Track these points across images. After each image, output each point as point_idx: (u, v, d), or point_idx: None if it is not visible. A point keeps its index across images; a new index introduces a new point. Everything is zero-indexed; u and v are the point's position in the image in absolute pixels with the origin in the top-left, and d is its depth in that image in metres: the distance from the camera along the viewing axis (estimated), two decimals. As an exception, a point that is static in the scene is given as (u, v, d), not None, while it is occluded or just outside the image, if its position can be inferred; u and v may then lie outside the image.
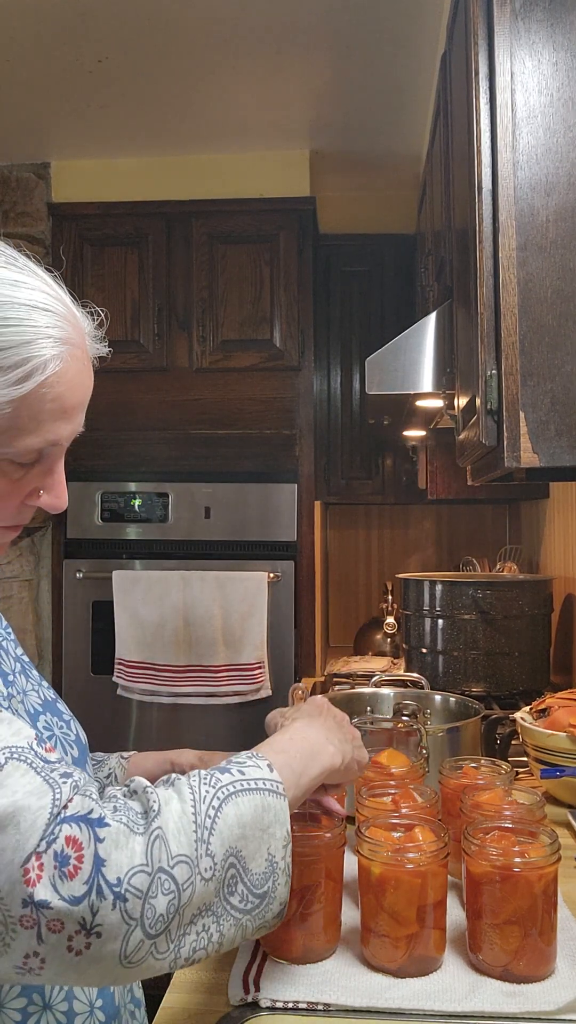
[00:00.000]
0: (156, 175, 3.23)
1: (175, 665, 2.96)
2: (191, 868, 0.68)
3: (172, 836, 0.68)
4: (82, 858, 0.64)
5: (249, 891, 0.72)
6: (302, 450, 3.14)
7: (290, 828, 0.76)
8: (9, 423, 0.75)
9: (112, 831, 0.66)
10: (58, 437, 0.79)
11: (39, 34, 2.45)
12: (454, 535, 3.82)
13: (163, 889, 0.66)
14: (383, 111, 2.90)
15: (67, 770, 0.71)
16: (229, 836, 0.71)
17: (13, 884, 0.63)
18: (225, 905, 0.71)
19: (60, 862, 0.64)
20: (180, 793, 0.71)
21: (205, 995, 0.94)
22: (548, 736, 1.50)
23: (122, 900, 0.64)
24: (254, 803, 0.73)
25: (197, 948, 0.70)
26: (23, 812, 0.65)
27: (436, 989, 0.92)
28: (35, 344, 0.75)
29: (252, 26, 2.41)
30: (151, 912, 0.65)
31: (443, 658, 2.29)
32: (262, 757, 0.79)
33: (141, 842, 0.66)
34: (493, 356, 1.30)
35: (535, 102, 1.29)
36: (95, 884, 0.64)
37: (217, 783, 0.73)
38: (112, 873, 0.64)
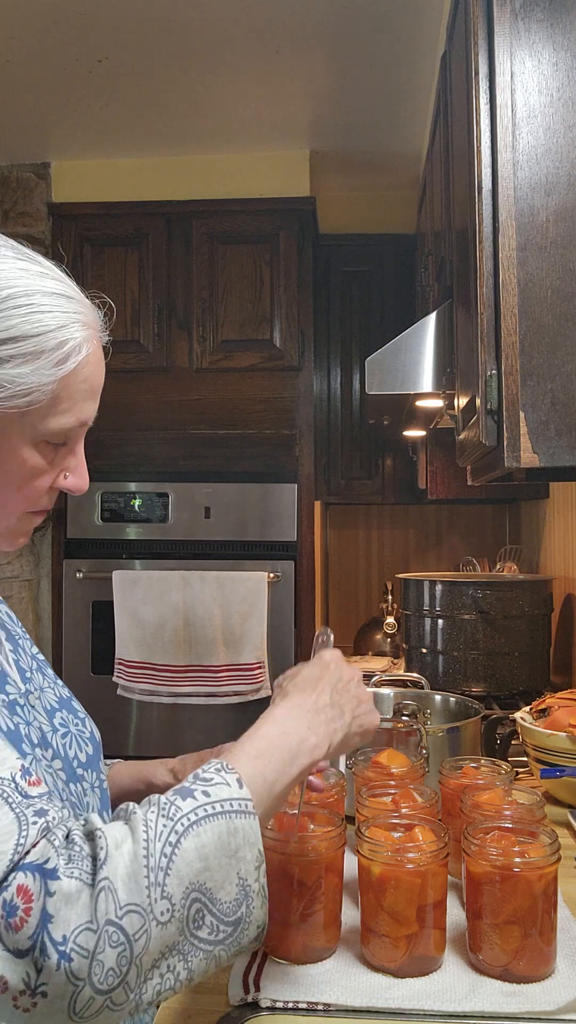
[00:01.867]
0: (156, 175, 3.23)
1: (175, 665, 2.97)
2: (143, 916, 0.65)
3: (121, 884, 0.65)
4: (30, 911, 0.63)
5: (219, 921, 0.70)
6: (302, 450, 3.14)
7: (262, 847, 0.73)
8: (50, 402, 0.80)
9: (63, 885, 0.64)
10: (88, 417, 0.85)
11: (39, 34, 2.45)
12: (454, 535, 3.82)
13: (111, 942, 0.63)
14: (383, 111, 2.90)
15: (44, 807, 0.69)
16: (188, 872, 0.68)
17: None
18: (192, 941, 0.68)
19: (8, 912, 0.62)
20: (134, 832, 0.68)
21: (205, 995, 0.93)
22: (548, 736, 1.50)
23: (67, 960, 0.62)
24: (218, 830, 0.70)
25: (162, 990, 0.67)
26: None
27: (436, 989, 0.92)
28: (68, 328, 0.80)
29: (252, 26, 2.41)
30: (99, 968, 0.63)
31: (443, 658, 2.29)
32: (231, 770, 0.75)
33: (87, 896, 0.64)
34: (493, 356, 1.30)
35: (535, 102, 1.29)
36: (39, 940, 0.62)
37: (176, 814, 0.69)
38: (58, 931, 0.62)
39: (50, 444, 0.83)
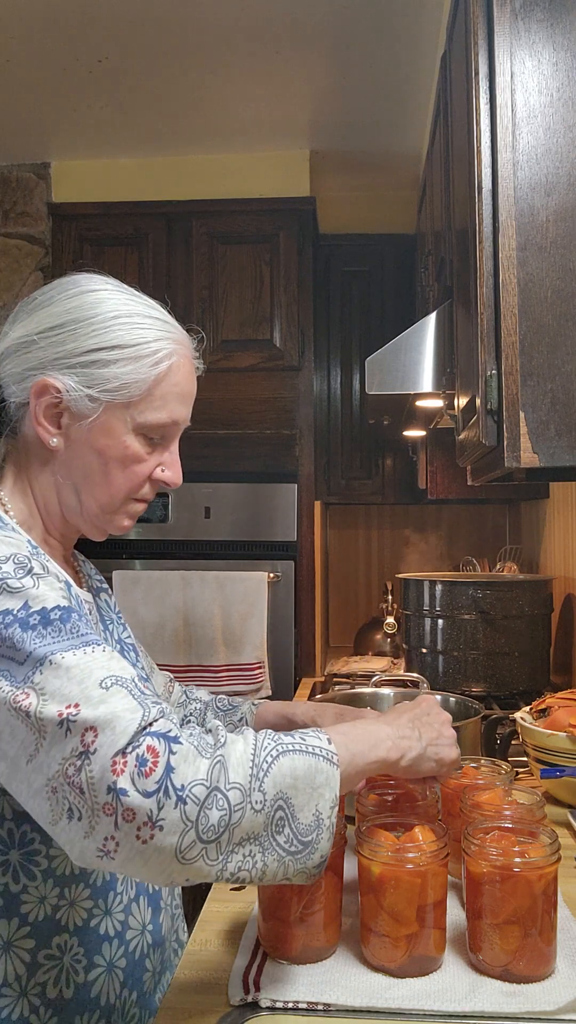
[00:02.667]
0: (156, 175, 3.23)
1: (175, 665, 2.96)
2: (243, 795, 0.81)
3: (232, 766, 0.82)
4: (157, 763, 0.79)
5: (295, 835, 0.84)
6: (302, 450, 3.14)
7: (338, 795, 0.87)
8: (146, 397, 1.01)
9: (184, 749, 0.81)
10: (179, 417, 1.05)
11: (39, 34, 2.45)
12: (454, 535, 3.82)
13: (217, 805, 0.80)
14: (383, 111, 2.90)
15: (157, 700, 0.85)
16: (281, 782, 0.84)
17: (104, 772, 0.78)
18: (271, 841, 0.83)
19: (140, 763, 0.78)
20: (246, 739, 0.86)
21: (205, 995, 0.94)
22: (548, 736, 1.50)
23: (183, 803, 0.78)
24: (308, 763, 0.86)
25: (242, 868, 0.82)
26: (119, 719, 0.80)
27: (436, 989, 0.92)
28: (161, 341, 1.02)
29: (252, 26, 2.41)
30: (205, 820, 0.79)
31: (443, 658, 2.29)
32: (324, 733, 0.91)
33: (206, 763, 0.81)
34: (493, 356, 1.30)
35: (535, 102, 1.29)
36: (164, 785, 0.78)
37: (279, 740, 0.87)
38: (178, 780, 0.79)
39: (148, 438, 1.03)
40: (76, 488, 1.03)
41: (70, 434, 1.01)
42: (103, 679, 0.83)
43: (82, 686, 0.82)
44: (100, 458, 1.02)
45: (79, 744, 0.79)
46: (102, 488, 1.03)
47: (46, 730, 0.80)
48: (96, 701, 0.81)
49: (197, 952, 1.03)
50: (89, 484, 1.03)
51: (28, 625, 0.85)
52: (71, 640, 0.86)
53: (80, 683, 0.82)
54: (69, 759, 0.79)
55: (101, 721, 0.80)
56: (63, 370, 0.99)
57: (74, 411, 1.00)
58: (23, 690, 0.82)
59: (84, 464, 1.02)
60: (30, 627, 0.85)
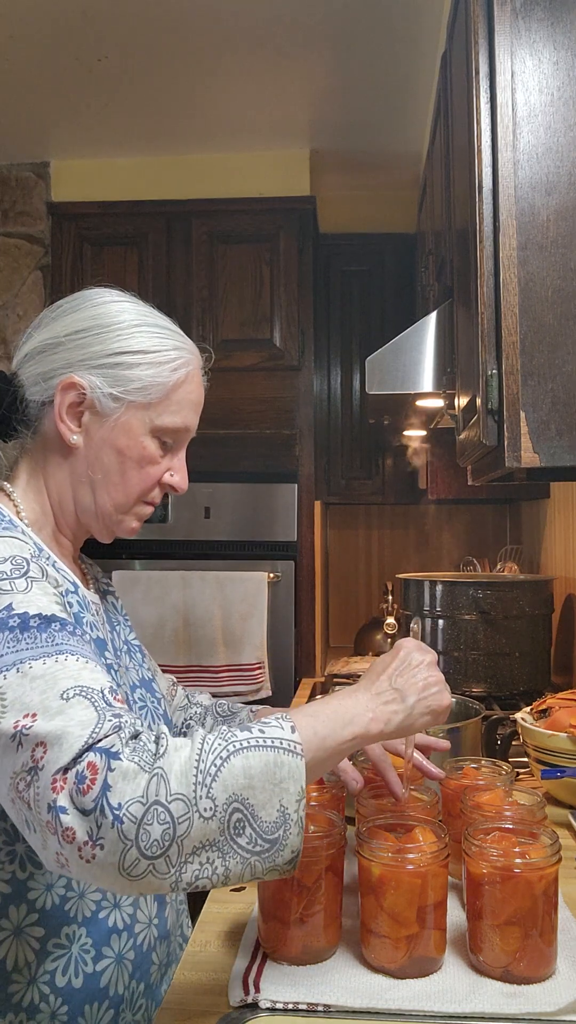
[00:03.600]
0: (156, 175, 3.23)
1: (175, 665, 2.96)
2: (188, 806, 0.79)
3: (174, 777, 0.79)
4: (95, 780, 0.78)
5: (258, 835, 0.82)
6: (302, 450, 3.14)
7: (305, 785, 0.84)
8: (164, 400, 1.06)
9: (122, 766, 0.79)
10: (190, 423, 1.10)
11: (39, 34, 2.45)
12: (454, 535, 3.82)
13: (159, 819, 0.78)
14: (383, 110, 2.90)
15: (120, 712, 0.84)
16: (232, 784, 0.81)
17: (46, 789, 0.78)
18: (231, 844, 0.81)
19: (78, 780, 0.78)
20: (193, 743, 0.83)
21: (205, 996, 0.93)
22: (549, 737, 1.50)
23: (119, 822, 0.77)
24: (265, 759, 0.83)
25: (200, 876, 0.80)
26: (67, 736, 0.80)
27: (436, 990, 0.92)
28: (179, 349, 1.08)
29: (252, 25, 2.41)
30: (146, 837, 0.77)
31: (443, 658, 2.29)
32: (287, 720, 0.88)
33: (144, 779, 0.79)
34: (494, 356, 1.30)
35: (536, 101, 1.29)
36: (100, 804, 0.77)
37: (232, 739, 0.84)
38: (115, 798, 0.77)
39: (162, 442, 1.08)
40: (93, 486, 1.06)
41: (90, 432, 1.05)
42: (66, 689, 0.83)
43: (43, 696, 0.82)
44: (119, 457, 1.06)
45: (29, 759, 0.80)
46: (118, 487, 1.07)
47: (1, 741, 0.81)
48: (53, 712, 0.81)
49: (197, 953, 1.03)
50: (106, 482, 1.06)
51: (6, 627, 0.87)
52: (44, 648, 0.86)
53: (42, 692, 0.82)
54: (20, 774, 0.80)
55: (51, 737, 0.80)
56: (89, 370, 1.04)
57: (96, 409, 1.04)
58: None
59: (102, 462, 1.06)
60: (8, 629, 0.86)
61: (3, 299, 3.25)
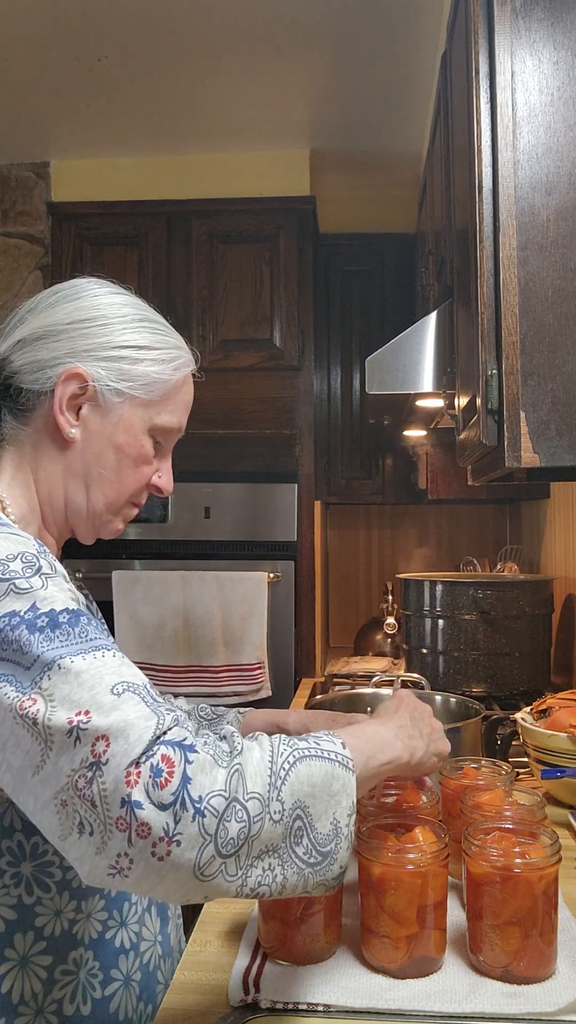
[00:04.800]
0: (156, 175, 3.23)
1: (175, 665, 2.96)
2: (262, 806, 0.77)
3: (250, 775, 0.78)
4: (173, 773, 0.74)
5: (314, 846, 0.81)
6: (302, 450, 3.14)
7: (355, 801, 0.84)
8: (164, 399, 1.05)
9: (200, 758, 0.76)
10: (182, 424, 1.09)
11: (39, 34, 2.45)
12: (454, 535, 3.82)
13: (236, 816, 0.76)
14: (383, 110, 2.90)
15: (170, 707, 0.82)
16: (299, 790, 0.80)
17: (117, 783, 0.74)
18: (291, 853, 0.80)
19: (155, 773, 0.74)
20: (262, 745, 0.82)
21: (205, 996, 0.93)
22: (549, 737, 1.50)
23: (200, 815, 0.74)
24: (324, 769, 0.83)
25: (262, 883, 0.78)
26: (132, 728, 0.76)
27: (436, 990, 0.92)
28: (179, 349, 1.07)
29: (252, 25, 2.41)
30: (224, 833, 0.75)
31: (443, 658, 2.29)
32: (337, 736, 0.88)
33: (223, 773, 0.77)
34: (494, 356, 1.30)
35: (536, 101, 1.29)
36: (180, 797, 0.74)
37: (295, 745, 0.84)
38: (195, 791, 0.74)
39: (156, 441, 1.06)
40: (87, 482, 1.03)
41: (89, 426, 1.02)
42: (115, 685, 0.79)
43: (92, 692, 0.78)
44: (117, 454, 1.03)
45: (89, 754, 0.75)
46: (113, 485, 1.04)
47: (53, 739, 0.76)
48: (108, 708, 0.77)
49: (197, 953, 1.03)
50: (101, 479, 1.03)
51: (36, 627, 0.82)
52: (80, 644, 0.82)
53: (91, 689, 0.78)
54: (79, 770, 0.75)
55: (113, 729, 0.76)
56: (94, 361, 1.00)
57: (98, 402, 1.01)
58: (29, 696, 0.78)
59: (99, 458, 1.03)
60: (38, 629, 0.82)
61: (3, 299, 3.25)
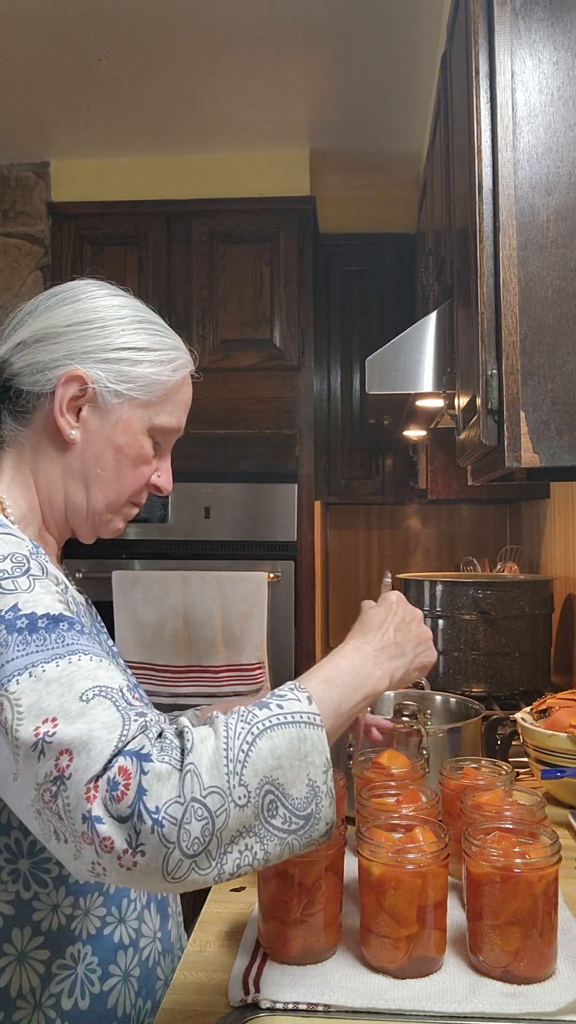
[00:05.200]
0: (156, 175, 3.23)
1: (175, 665, 2.96)
2: (223, 797, 0.77)
3: (205, 770, 0.77)
4: (128, 786, 0.75)
5: (292, 813, 0.81)
6: (302, 450, 3.14)
7: (328, 755, 0.84)
8: (163, 400, 1.06)
9: (156, 767, 0.76)
10: (181, 424, 1.10)
11: (39, 34, 2.45)
12: (454, 535, 3.82)
13: (196, 816, 0.76)
14: (383, 110, 2.90)
15: (142, 711, 0.82)
16: (263, 767, 0.80)
17: (78, 799, 0.75)
18: (267, 827, 0.80)
19: (111, 787, 0.75)
20: (216, 732, 0.80)
21: (205, 996, 0.93)
22: (549, 737, 1.50)
23: (159, 826, 0.74)
24: (289, 735, 0.82)
25: (241, 864, 0.79)
26: (95, 741, 0.77)
27: (436, 990, 0.92)
28: (178, 349, 1.08)
29: (252, 25, 2.41)
30: (186, 836, 0.75)
31: (443, 658, 2.29)
32: (303, 690, 0.87)
33: (177, 777, 0.77)
34: (494, 356, 1.30)
35: (536, 101, 1.29)
36: (136, 809, 0.75)
37: (253, 719, 0.82)
38: (151, 802, 0.75)
39: (155, 442, 1.07)
40: (87, 483, 1.04)
41: (89, 427, 1.03)
42: (85, 691, 0.80)
43: (61, 700, 0.79)
44: (116, 454, 1.04)
45: (53, 768, 0.76)
46: (112, 485, 1.05)
47: (19, 752, 0.78)
48: (75, 715, 0.78)
49: (197, 953, 1.03)
50: (100, 480, 1.04)
51: (14, 628, 0.83)
52: (55, 649, 0.83)
53: (60, 696, 0.79)
54: (44, 784, 0.77)
55: (77, 743, 0.77)
56: (94, 363, 1.01)
57: (97, 404, 1.02)
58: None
59: (99, 459, 1.03)
60: (16, 631, 0.83)
61: (3, 299, 3.25)
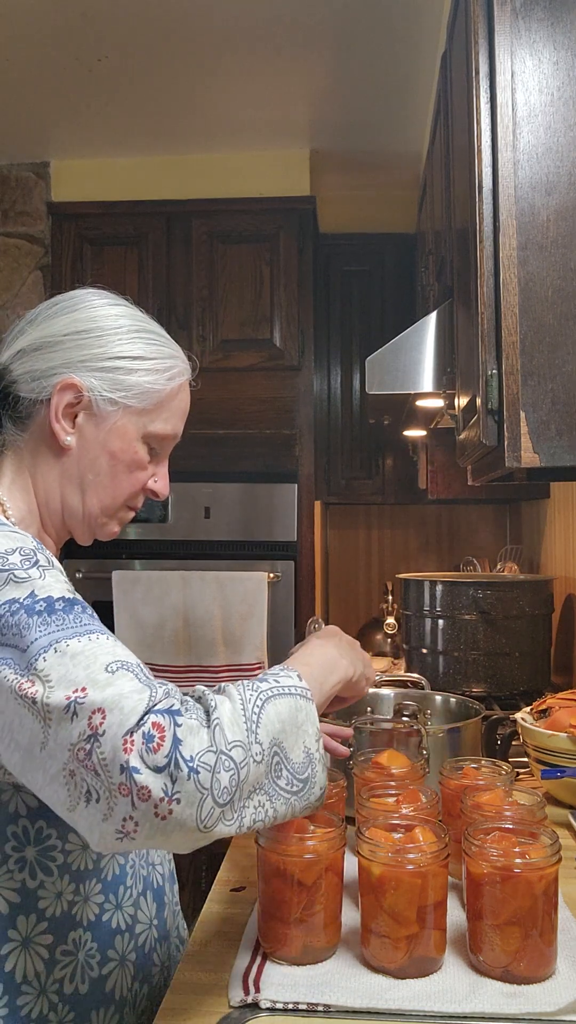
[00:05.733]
0: (156, 174, 3.23)
1: (175, 665, 2.96)
2: (245, 751, 0.84)
3: (227, 725, 0.84)
4: (164, 738, 0.80)
5: (293, 776, 0.89)
6: (302, 450, 3.14)
7: (319, 726, 0.92)
8: (157, 407, 1.08)
9: (187, 721, 0.82)
10: (177, 432, 1.13)
11: (39, 34, 2.45)
12: (454, 535, 3.82)
13: (225, 766, 0.82)
14: (383, 110, 2.90)
15: (163, 682, 0.88)
16: (272, 728, 0.87)
17: (115, 751, 0.80)
18: (275, 786, 0.87)
19: (147, 739, 0.80)
20: (231, 697, 0.88)
21: (205, 996, 0.93)
22: (549, 737, 1.50)
23: (195, 773, 0.80)
24: (289, 704, 0.90)
25: (256, 819, 0.86)
26: (126, 700, 0.82)
27: (436, 990, 0.92)
28: (175, 358, 1.11)
29: (252, 25, 2.41)
30: (218, 785, 0.81)
31: (443, 658, 2.29)
32: (292, 669, 0.95)
33: (207, 732, 0.83)
34: (494, 356, 1.30)
35: (535, 101, 1.29)
36: (173, 758, 0.80)
37: (258, 689, 0.90)
38: (187, 751, 0.80)
39: (150, 448, 1.10)
40: (83, 487, 1.08)
41: (84, 434, 1.06)
42: (109, 663, 0.85)
43: (88, 671, 0.84)
44: (111, 460, 1.07)
45: (87, 727, 0.81)
46: (107, 490, 1.09)
47: (51, 716, 0.82)
48: (103, 684, 0.83)
49: (197, 953, 1.03)
50: (96, 484, 1.08)
51: (34, 611, 0.88)
52: (75, 628, 0.88)
53: (86, 668, 0.84)
54: (78, 743, 0.81)
55: (108, 703, 0.81)
56: (89, 371, 1.05)
57: (93, 411, 1.06)
58: (28, 678, 0.84)
59: (94, 464, 1.07)
60: (36, 613, 0.88)
61: (3, 299, 3.25)
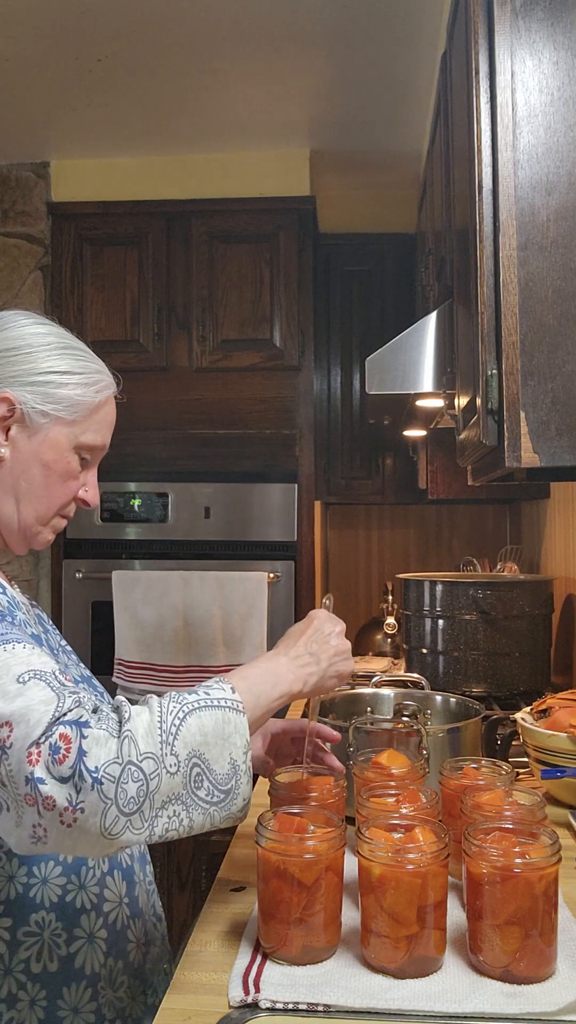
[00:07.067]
0: (155, 174, 3.23)
1: (174, 665, 2.96)
2: (157, 763, 0.86)
3: (140, 738, 0.87)
4: (70, 750, 0.83)
5: (215, 787, 0.91)
6: (302, 450, 3.14)
7: (248, 739, 0.95)
8: (87, 419, 1.14)
9: (94, 732, 0.85)
10: (105, 442, 1.18)
11: (39, 34, 2.45)
12: (454, 535, 3.82)
13: (132, 777, 0.84)
14: (383, 110, 2.89)
15: (75, 691, 0.90)
16: (191, 741, 0.90)
17: (20, 764, 0.83)
18: (193, 797, 0.89)
19: (53, 751, 0.83)
20: (151, 708, 0.91)
21: (205, 996, 0.93)
22: (549, 737, 1.50)
23: (99, 784, 0.83)
24: (215, 716, 0.93)
25: (169, 828, 0.88)
26: (32, 712, 0.85)
27: (436, 990, 0.92)
28: (101, 372, 1.17)
29: (252, 24, 2.41)
30: (123, 795, 0.84)
31: (443, 658, 2.29)
32: (227, 682, 0.99)
33: (115, 742, 0.85)
34: (494, 356, 1.30)
35: (536, 101, 1.29)
36: (78, 769, 0.83)
37: (183, 701, 0.93)
38: (91, 763, 0.83)
39: (81, 458, 1.14)
40: (17, 497, 1.12)
41: (17, 445, 1.11)
42: (20, 674, 0.89)
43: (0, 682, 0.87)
44: (44, 470, 1.12)
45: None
46: (42, 499, 1.13)
47: None
48: (12, 695, 0.86)
49: (197, 953, 1.03)
50: (29, 495, 1.12)
51: None
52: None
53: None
54: None
55: (16, 716, 0.85)
56: (21, 386, 1.10)
57: (25, 424, 1.11)
58: None
59: (27, 474, 1.11)
60: None
61: (3, 299, 3.25)
